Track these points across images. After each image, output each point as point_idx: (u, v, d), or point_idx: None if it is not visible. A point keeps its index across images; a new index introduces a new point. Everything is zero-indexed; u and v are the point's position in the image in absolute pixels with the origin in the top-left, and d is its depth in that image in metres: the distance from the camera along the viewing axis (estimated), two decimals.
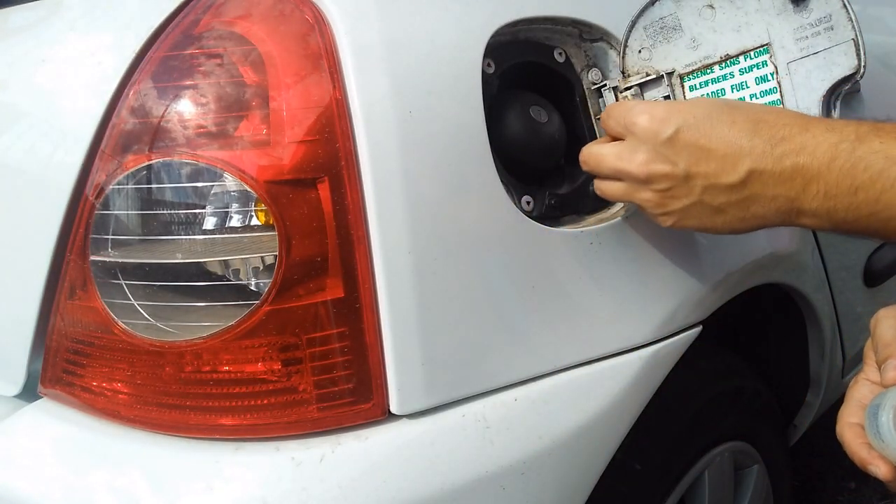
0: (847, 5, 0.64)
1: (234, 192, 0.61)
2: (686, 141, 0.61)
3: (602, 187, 0.69)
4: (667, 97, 0.74)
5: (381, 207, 0.60)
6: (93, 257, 0.64)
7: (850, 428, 0.55)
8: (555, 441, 0.66)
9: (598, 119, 0.77)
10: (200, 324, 0.62)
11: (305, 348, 0.60)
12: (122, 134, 0.62)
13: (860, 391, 0.58)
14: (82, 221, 0.64)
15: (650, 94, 0.75)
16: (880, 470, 0.53)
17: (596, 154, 0.68)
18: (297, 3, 0.62)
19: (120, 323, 0.63)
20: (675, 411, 0.89)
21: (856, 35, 0.63)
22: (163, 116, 0.61)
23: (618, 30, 0.76)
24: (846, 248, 1.23)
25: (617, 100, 0.75)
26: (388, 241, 0.60)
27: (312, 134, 0.59)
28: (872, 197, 0.55)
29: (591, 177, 0.76)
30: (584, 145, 0.77)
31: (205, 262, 0.62)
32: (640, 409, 0.74)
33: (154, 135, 0.61)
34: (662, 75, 0.73)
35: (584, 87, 0.77)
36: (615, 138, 0.67)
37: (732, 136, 0.60)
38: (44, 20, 0.76)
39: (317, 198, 0.59)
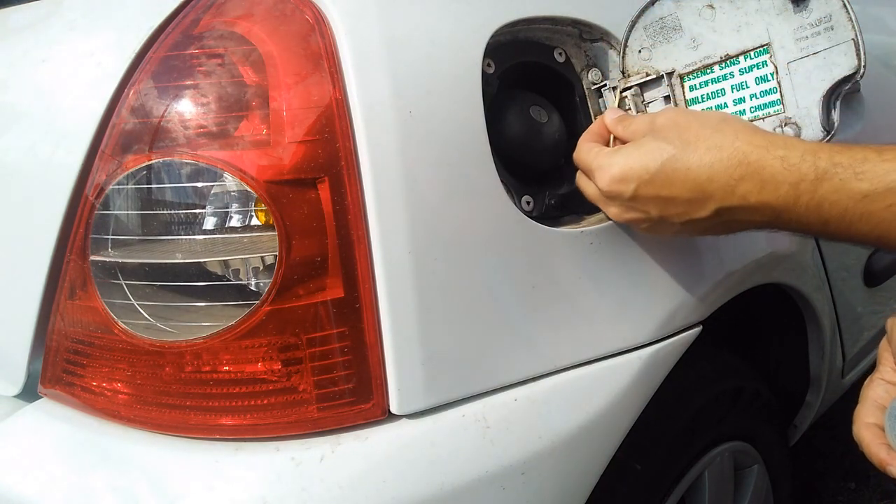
0: (847, 5, 0.64)
1: (234, 192, 0.61)
2: (648, 195, 0.63)
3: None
4: (667, 97, 0.74)
5: (381, 207, 0.60)
6: (93, 257, 0.64)
7: (868, 428, 0.56)
8: (555, 441, 0.66)
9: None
10: (200, 324, 0.62)
11: (305, 348, 0.60)
12: (122, 134, 0.62)
13: (876, 391, 0.58)
14: (82, 221, 0.64)
15: (650, 93, 0.75)
16: None
17: (582, 186, 0.71)
18: (297, 4, 0.62)
19: (120, 323, 0.63)
20: (675, 411, 0.89)
21: (856, 35, 0.63)
22: (163, 116, 0.61)
23: (618, 30, 0.76)
24: (846, 248, 1.22)
25: (617, 99, 0.75)
26: (388, 241, 0.60)
27: (312, 134, 0.59)
28: (843, 228, 0.56)
29: None
30: None
31: (205, 262, 0.62)
32: (640, 409, 0.74)
33: (154, 135, 0.61)
34: (662, 75, 0.73)
35: (584, 87, 0.77)
36: None
37: (690, 181, 0.60)
38: (44, 20, 0.76)
39: (317, 198, 0.59)
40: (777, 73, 0.68)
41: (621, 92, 0.75)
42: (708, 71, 0.72)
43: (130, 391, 0.64)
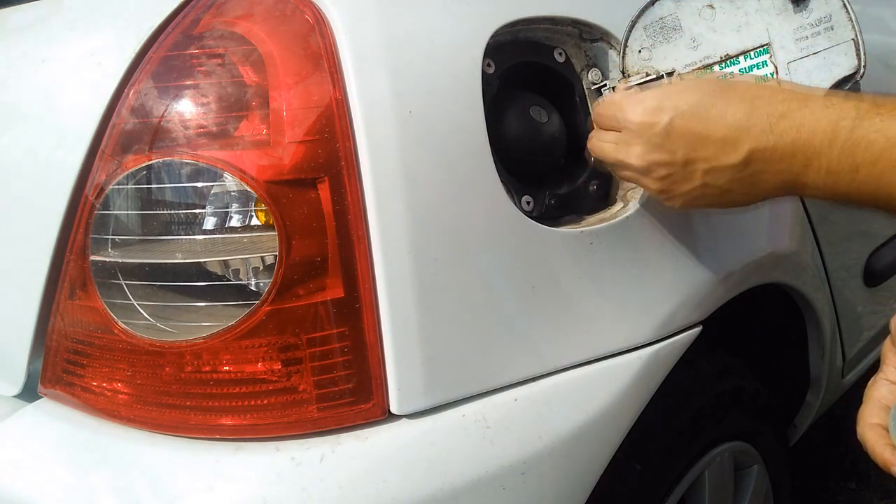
0: (847, 5, 0.64)
1: (234, 192, 0.61)
2: (681, 129, 0.61)
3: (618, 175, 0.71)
4: None
5: (381, 207, 0.60)
6: (93, 257, 0.64)
7: (872, 429, 0.55)
8: (555, 441, 0.66)
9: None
10: (200, 324, 0.62)
11: (305, 348, 0.60)
12: (122, 134, 0.62)
13: (880, 392, 0.57)
14: (82, 221, 0.64)
15: None
16: None
17: (597, 146, 0.69)
18: (297, 4, 0.62)
19: (120, 323, 0.63)
20: (675, 411, 0.89)
21: (856, 35, 0.63)
22: (163, 116, 0.61)
23: (618, 30, 0.76)
24: (846, 247, 1.23)
25: None
26: (388, 241, 0.60)
27: (312, 134, 0.59)
28: (874, 176, 0.54)
29: (591, 177, 0.76)
30: (584, 146, 0.77)
31: (205, 262, 0.62)
32: (640, 409, 0.74)
33: (154, 135, 0.61)
34: (662, 75, 0.73)
35: (584, 87, 0.77)
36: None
37: (729, 117, 0.59)
38: (44, 20, 0.76)
39: (317, 198, 0.59)
40: (777, 73, 0.68)
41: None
42: (708, 71, 0.72)
43: (130, 391, 0.64)
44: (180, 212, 0.63)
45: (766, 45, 0.68)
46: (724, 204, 0.64)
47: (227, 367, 0.61)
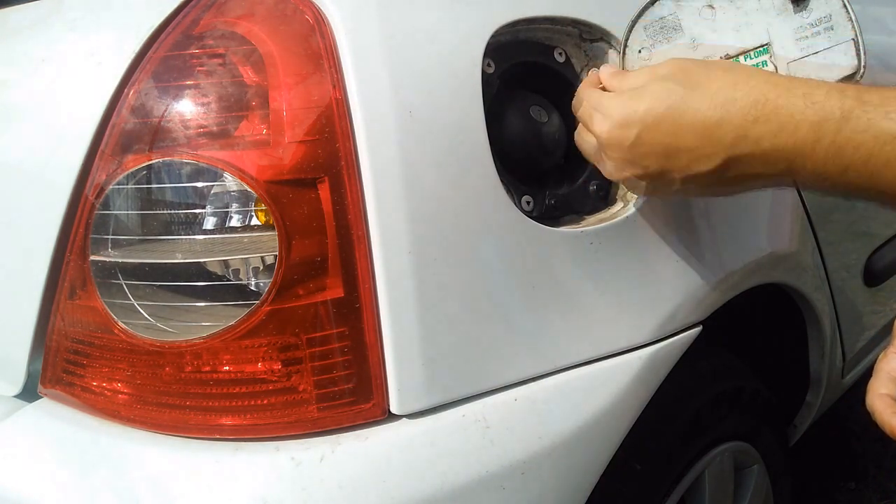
0: (847, 5, 0.64)
1: (234, 192, 0.61)
2: (651, 143, 0.58)
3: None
4: None
5: (381, 207, 0.60)
6: (93, 257, 0.64)
7: (880, 398, 0.54)
8: (555, 441, 0.66)
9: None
10: (200, 324, 0.62)
11: (305, 348, 0.60)
12: (123, 134, 0.62)
13: (890, 364, 0.56)
14: (82, 221, 0.64)
15: None
16: None
17: (580, 144, 0.68)
18: (297, 4, 0.62)
19: (120, 323, 0.63)
20: (675, 411, 0.89)
21: (856, 35, 0.63)
22: (163, 116, 0.61)
23: (618, 30, 0.76)
24: (846, 247, 1.23)
25: None
26: (388, 240, 0.60)
27: (312, 134, 0.59)
28: (864, 175, 0.51)
29: (591, 177, 0.76)
30: None
31: (205, 262, 0.62)
32: (640, 409, 0.74)
33: (154, 135, 0.61)
34: None
35: None
36: None
37: (699, 126, 0.55)
38: (44, 20, 0.76)
39: (317, 198, 0.59)
40: (777, 72, 0.68)
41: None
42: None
43: (130, 391, 0.64)
44: (180, 212, 0.63)
45: (766, 44, 0.68)
46: (708, 196, 0.63)
47: (227, 367, 0.61)
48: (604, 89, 0.65)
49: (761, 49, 0.68)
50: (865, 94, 0.51)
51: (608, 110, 0.60)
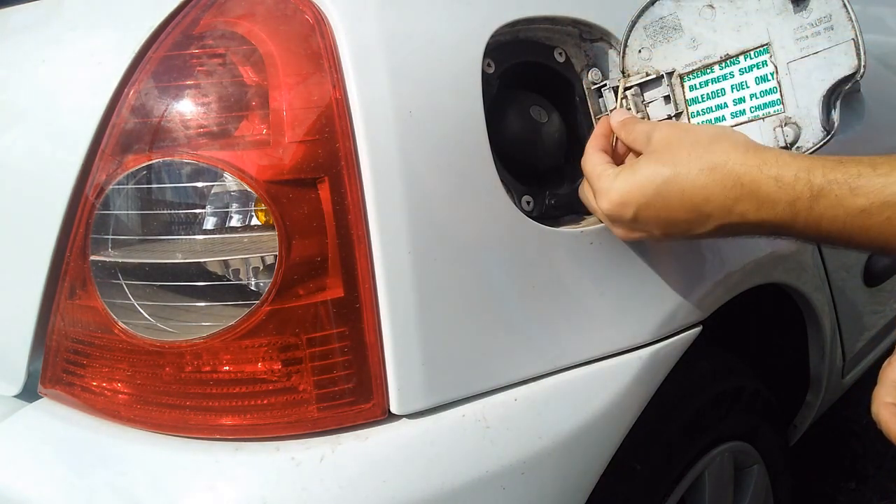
0: (847, 5, 0.64)
1: (234, 192, 0.61)
2: (648, 217, 0.64)
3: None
4: (667, 97, 0.74)
5: (381, 207, 0.60)
6: (93, 257, 0.64)
7: (886, 407, 0.56)
8: (555, 441, 0.66)
9: (599, 119, 0.77)
10: (200, 324, 0.62)
11: (305, 348, 0.60)
12: (123, 134, 0.62)
13: (895, 372, 0.58)
14: (82, 221, 0.64)
15: (650, 93, 0.75)
16: None
17: (585, 200, 0.72)
18: (297, 4, 0.62)
19: (120, 323, 0.63)
20: (675, 411, 0.89)
21: (856, 35, 0.63)
22: (163, 116, 0.61)
23: (618, 30, 0.76)
24: None
25: (617, 100, 0.75)
26: (388, 241, 0.60)
27: (312, 134, 0.59)
28: (844, 240, 0.57)
29: None
30: (583, 145, 0.77)
31: (205, 262, 0.62)
32: (640, 409, 0.74)
33: (154, 135, 0.61)
34: (662, 75, 0.73)
35: (584, 86, 0.77)
36: None
37: (686, 204, 0.61)
38: (44, 20, 0.76)
39: (317, 198, 0.59)
40: (777, 72, 0.68)
41: (621, 92, 0.75)
42: (708, 71, 0.72)
43: (130, 391, 0.64)
44: (180, 212, 0.63)
45: (766, 44, 0.68)
46: (718, 238, 0.68)
47: (227, 367, 0.61)
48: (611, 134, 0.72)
49: (761, 49, 0.68)
50: (831, 173, 0.56)
51: (607, 191, 0.65)
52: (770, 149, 0.61)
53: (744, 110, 0.71)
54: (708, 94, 0.72)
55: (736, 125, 0.71)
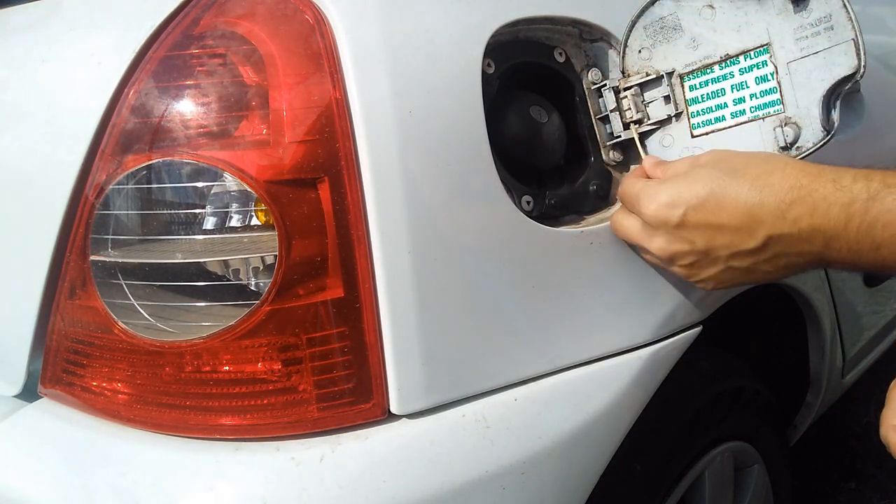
0: (847, 5, 0.64)
1: (234, 191, 0.61)
2: (696, 222, 0.62)
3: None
4: (667, 97, 0.74)
5: (381, 207, 0.60)
6: (93, 257, 0.64)
7: (895, 430, 0.56)
8: (555, 441, 0.66)
9: (599, 119, 0.77)
10: (200, 324, 0.62)
11: (305, 348, 0.60)
12: (123, 134, 0.62)
13: None
14: (82, 221, 0.64)
15: (650, 93, 0.75)
16: None
17: (619, 227, 0.70)
18: (297, 4, 0.62)
19: (120, 323, 0.63)
20: (675, 411, 0.89)
21: (856, 35, 0.63)
22: (163, 116, 0.61)
23: (618, 30, 0.76)
24: None
25: (616, 99, 0.75)
26: (388, 241, 0.60)
27: (312, 134, 0.59)
28: None
29: (591, 177, 0.77)
30: (583, 145, 0.77)
31: (205, 262, 0.62)
32: (640, 409, 0.74)
33: (154, 134, 0.61)
34: (662, 75, 0.73)
35: (584, 86, 0.77)
36: None
37: (740, 206, 0.60)
38: (44, 20, 0.76)
39: (317, 198, 0.59)
40: (777, 72, 0.68)
41: (621, 92, 0.75)
42: (708, 71, 0.72)
43: (130, 391, 0.64)
44: (180, 212, 0.63)
45: (766, 44, 0.68)
46: (753, 281, 0.67)
47: (226, 367, 0.61)
48: (647, 177, 0.70)
49: (761, 49, 0.68)
50: (890, 178, 0.56)
51: (656, 194, 0.64)
52: (826, 165, 0.61)
53: (744, 110, 0.71)
54: (708, 94, 0.72)
55: (736, 125, 0.71)
